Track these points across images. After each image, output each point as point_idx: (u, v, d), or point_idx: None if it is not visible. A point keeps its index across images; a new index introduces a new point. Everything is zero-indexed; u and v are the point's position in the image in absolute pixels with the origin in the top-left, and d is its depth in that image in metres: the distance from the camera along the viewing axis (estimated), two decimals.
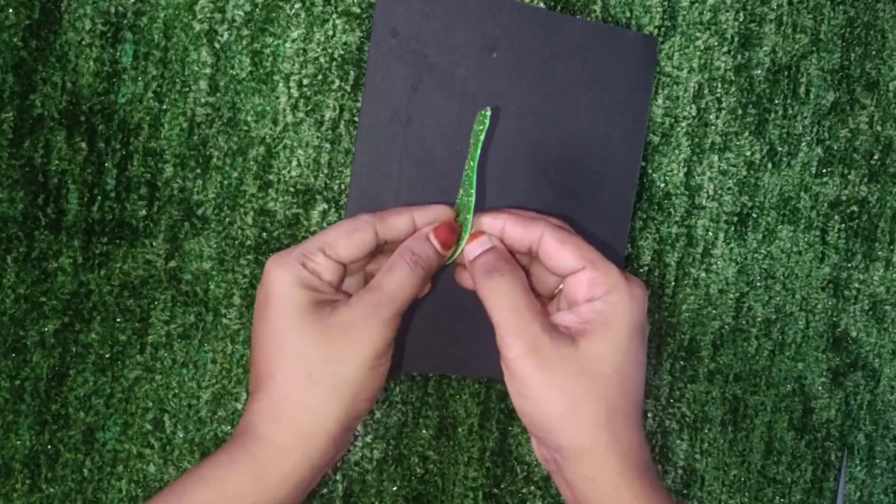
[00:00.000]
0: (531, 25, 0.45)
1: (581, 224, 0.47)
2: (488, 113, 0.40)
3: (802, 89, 0.52)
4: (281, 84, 0.43)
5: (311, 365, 0.34)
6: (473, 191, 0.39)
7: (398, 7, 0.43)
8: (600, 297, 0.35)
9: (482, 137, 0.39)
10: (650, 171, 0.49)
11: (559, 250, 0.36)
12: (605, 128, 0.47)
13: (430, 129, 0.44)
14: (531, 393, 0.34)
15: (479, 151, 0.39)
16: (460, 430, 0.47)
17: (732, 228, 0.51)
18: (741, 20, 0.50)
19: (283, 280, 0.35)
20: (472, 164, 0.39)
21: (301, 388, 0.34)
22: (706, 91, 0.50)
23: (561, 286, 0.39)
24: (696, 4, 0.49)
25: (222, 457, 0.33)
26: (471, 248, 0.38)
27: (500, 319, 0.35)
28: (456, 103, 0.44)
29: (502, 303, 0.35)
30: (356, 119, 0.44)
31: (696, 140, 0.50)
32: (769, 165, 0.52)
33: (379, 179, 0.44)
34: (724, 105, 0.51)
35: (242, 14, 0.42)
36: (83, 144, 0.40)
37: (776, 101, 0.52)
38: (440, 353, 0.46)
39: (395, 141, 0.44)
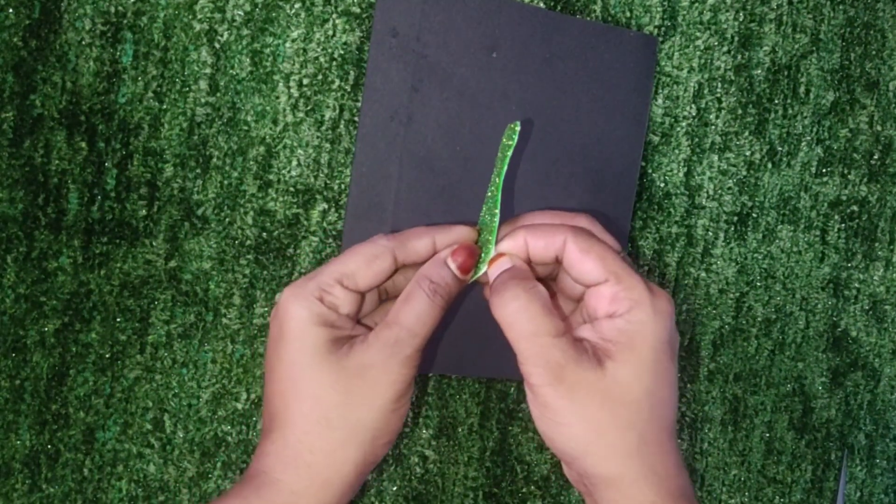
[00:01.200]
0: (531, 25, 0.45)
1: None
2: (517, 127, 0.37)
3: (802, 89, 0.52)
4: (281, 84, 0.43)
5: (328, 409, 0.33)
6: (497, 210, 0.37)
7: (398, 7, 0.43)
8: (622, 314, 0.33)
9: (509, 154, 0.37)
10: (650, 170, 0.49)
11: (581, 261, 0.34)
12: (605, 128, 0.47)
13: (431, 129, 0.44)
14: (557, 419, 0.32)
15: (505, 169, 0.37)
16: (460, 429, 0.47)
17: (732, 228, 0.51)
18: (741, 20, 0.50)
19: (299, 317, 0.33)
20: (497, 181, 0.37)
21: (318, 434, 0.33)
22: (706, 91, 0.50)
23: None
24: (696, 4, 0.49)
25: (235, 500, 0.33)
26: (492, 272, 0.36)
27: (520, 348, 0.33)
28: (456, 103, 0.44)
29: (521, 330, 0.33)
30: (356, 119, 0.44)
31: (696, 140, 0.50)
32: (769, 165, 0.52)
33: (379, 179, 0.44)
34: (724, 105, 0.51)
35: (242, 14, 0.42)
36: (83, 144, 0.40)
37: (776, 101, 0.52)
38: (440, 353, 0.46)
39: (395, 141, 0.44)
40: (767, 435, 0.53)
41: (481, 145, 0.45)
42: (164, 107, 0.41)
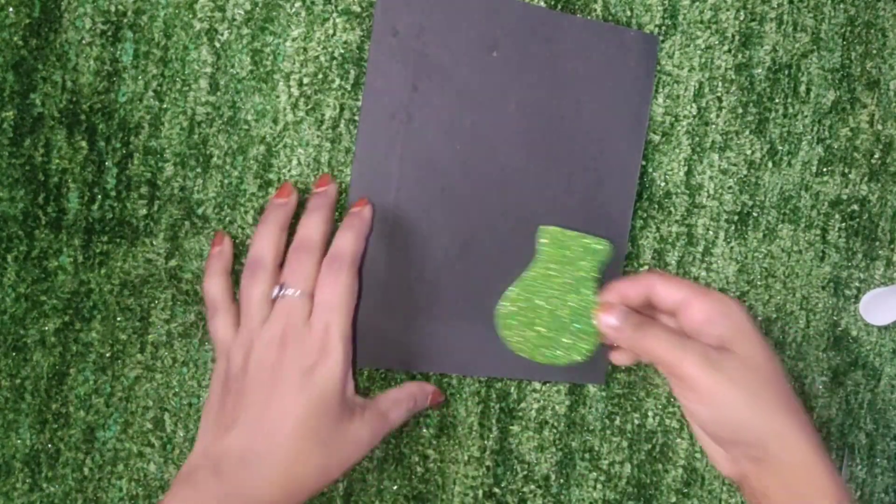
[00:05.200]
0: (532, 24, 0.45)
1: (582, 223, 0.47)
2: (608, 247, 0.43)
3: (803, 88, 0.52)
4: (281, 83, 0.43)
5: None
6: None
7: (399, 6, 0.43)
8: (718, 314, 0.39)
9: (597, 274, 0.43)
10: (650, 169, 0.49)
11: (669, 289, 0.40)
12: (606, 127, 0.47)
13: (431, 127, 0.44)
14: (716, 398, 0.37)
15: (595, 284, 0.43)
16: (460, 428, 0.47)
17: (733, 227, 0.51)
18: (742, 19, 0.50)
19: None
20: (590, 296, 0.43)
21: None
22: (707, 90, 0.50)
23: None
24: (697, 3, 0.49)
25: None
26: (609, 318, 0.40)
27: (670, 354, 0.38)
28: (456, 102, 0.44)
29: (666, 344, 0.38)
30: (356, 118, 0.44)
31: (697, 139, 0.50)
32: (770, 164, 0.52)
33: (379, 178, 0.44)
34: (724, 104, 0.51)
35: (243, 13, 0.42)
36: (83, 143, 0.40)
37: (777, 100, 0.52)
38: (441, 353, 0.46)
39: (395, 140, 0.44)
40: None
41: (481, 144, 0.45)
42: (165, 106, 0.41)
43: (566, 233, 0.43)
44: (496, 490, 0.48)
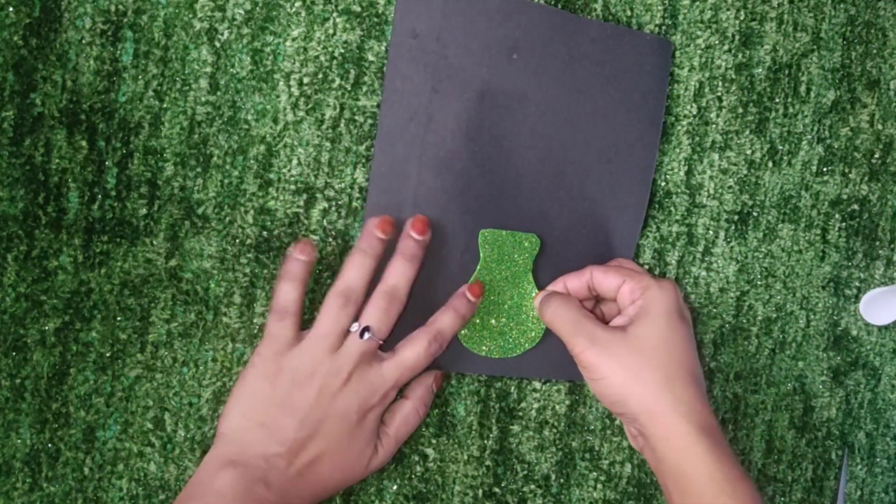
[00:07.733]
0: (551, 27, 0.45)
1: (594, 226, 0.47)
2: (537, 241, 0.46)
3: (803, 88, 0.52)
4: (281, 83, 0.43)
5: None
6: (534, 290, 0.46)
7: (418, 8, 0.43)
8: (639, 296, 0.42)
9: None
10: None
11: (604, 278, 0.44)
12: (622, 130, 0.47)
13: (450, 129, 0.44)
14: (600, 374, 0.40)
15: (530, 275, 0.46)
16: (460, 428, 0.47)
17: (733, 227, 0.51)
18: (742, 18, 0.50)
19: None
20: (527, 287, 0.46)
21: None
22: (707, 90, 0.50)
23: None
24: (697, 3, 0.49)
25: None
26: (537, 301, 0.45)
27: (564, 330, 0.42)
28: (475, 104, 0.44)
29: (563, 319, 0.42)
30: (357, 118, 0.44)
31: (697, 139, 0.50)
32: (770, 164, 0.52)
33: (397, 179, 0.44)
34: (724, 104, 0.51)
35: (243, 12, 0.42)
36: (83, 143, 0.40)
37: (777, 100, 0.52)
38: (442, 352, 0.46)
39: (414, 142, 0.44)
40: (768, 434, 0.53)
41: (500, 146, 0.45)
42: (165, 105, 0.41)
43: (500, 232, 0.45)
44: (496, 490, 0.48)
